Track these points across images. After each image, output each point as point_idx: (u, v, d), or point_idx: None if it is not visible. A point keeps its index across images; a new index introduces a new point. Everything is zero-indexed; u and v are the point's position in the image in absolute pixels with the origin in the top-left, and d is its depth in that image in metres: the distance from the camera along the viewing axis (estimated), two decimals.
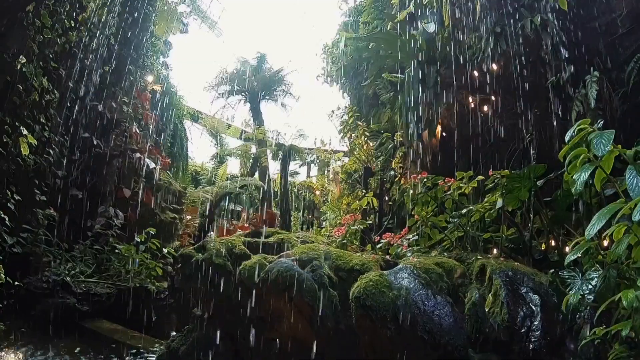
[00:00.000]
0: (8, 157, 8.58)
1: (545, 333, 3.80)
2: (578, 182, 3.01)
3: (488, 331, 3.90)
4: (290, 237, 6.00)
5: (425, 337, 3.62)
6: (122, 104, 13.00)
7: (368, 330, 3.91)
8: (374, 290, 3.82)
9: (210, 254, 5.28)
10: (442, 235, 6.52)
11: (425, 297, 3.84)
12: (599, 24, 7.31)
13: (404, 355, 3.77)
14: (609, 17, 7.28)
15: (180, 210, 14.82)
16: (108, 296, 8.98)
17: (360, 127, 13.22)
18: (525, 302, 4.10)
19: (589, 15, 7.38)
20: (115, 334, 7.74)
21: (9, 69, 8.34)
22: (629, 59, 6.61)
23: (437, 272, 4.35)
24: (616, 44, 7.12)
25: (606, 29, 7.28)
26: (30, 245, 9.17)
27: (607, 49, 7.05)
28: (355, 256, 4.93)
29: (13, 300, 8.03)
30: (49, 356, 6.63)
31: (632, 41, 6.93)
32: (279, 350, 4.72)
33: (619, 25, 7.18)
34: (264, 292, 4.49)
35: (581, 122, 3.18)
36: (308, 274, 4.40)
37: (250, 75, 31.75)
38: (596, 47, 7.09)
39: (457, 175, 6.62)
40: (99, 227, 11.17)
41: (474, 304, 4.04)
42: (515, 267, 4.55)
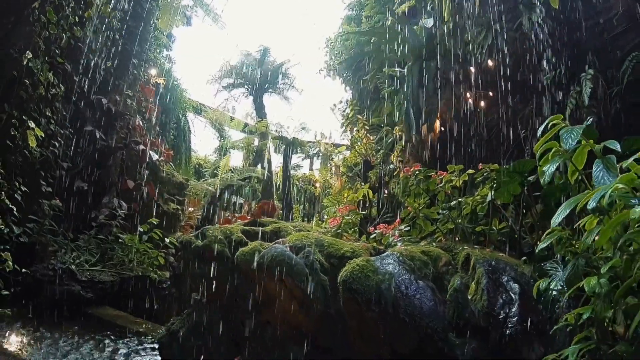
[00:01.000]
0: (15, 150, 8.82)
1: (522, 319, 3.94)
2: (547, 173, 3.19)
3: (468, 316, 4.07)
4: (286, 226, 6.24)
5: (407, 320, 3.84)
6: (126, 98, 13.23)
7: (355, 313, 4.13)
8: (360, 274, 4.06)
9: (209, 241, 5.52)
10: (434, 227, 6.65)
11: (408, 281, 4.06)
12: (596, 23, 7.34)
13: (388, 338, 4.00)
14: (606, 15, 7.27)
15: (183, 201, 15.05)
16: (112, 284, 9.25)
17: (360, 121, 13.37)
18: (506, 290, 4.25)
19: (586, 13, 7.42)
20: (118, 320, 8.02)
21: (15, 64, 8.55)
22: (624, 58, 6.66)
23: (422, 260, 4.56)
24: (612, 42, 7.14)
25: (603, 28, 7.30)
26: (36, 235, 9.43)
27: (603, 47, 7.10)
28: (347, 244, 5.15)
29: (20, 287, 8.31)
30: (55, 338, 6.88)
31: (628, 40, 6.96)
32: (273, 334, 4.96)
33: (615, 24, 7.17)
34: (259, 276, 4.73)
35: (553, 117, 3.28)
36: (300, 260, 4.64)
37: (254, 68, 31.88)
38: (593, 46, 7.15)
39: (449, 168, 6.80)
40: (103, 217, 11.41)
41: (455, 290, 4.22)
42: (499, 257, 4.72)
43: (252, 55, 32.30)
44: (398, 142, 11.66)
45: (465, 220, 6.26)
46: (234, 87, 32.07)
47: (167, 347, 5.79)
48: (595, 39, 7.27)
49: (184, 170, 19.88)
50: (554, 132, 3.26)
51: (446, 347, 3.88)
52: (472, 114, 8.90)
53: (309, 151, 28.28)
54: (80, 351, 6.48)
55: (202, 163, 28.74)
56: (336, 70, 17.04)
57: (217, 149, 30.12)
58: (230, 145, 29.05)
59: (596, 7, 7.31)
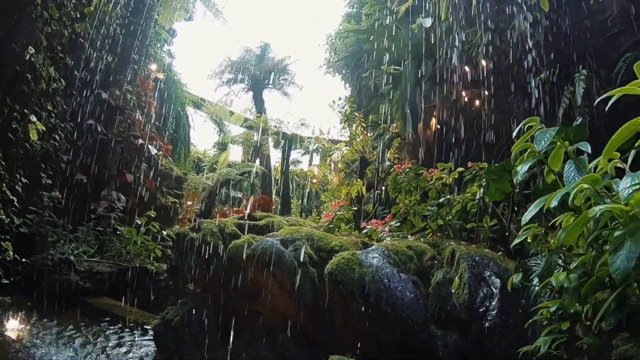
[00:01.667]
0: (17, 143, 8.98)
1: (501, 313, 4.05)
2: (519, 173, 3.32)
3: (450, 309, 4.22)
4: (279, 221, 6.41)
5: (389, 311, 4.01)
6: (126, 92, 13.37)
7: (340, 304, 4.30)
8: (345, 267, 4.23)
9: (203, 233, 5.71)
10: (425, 223, 6.73)
11: (390, 274, 4.22)
12: (591, 24, 7.42)
13: (372, 329, 4.15)
14: (601, 16, 7.36)
15: (181, 195, 15.22)
16: (109, 275, 9.44)
17: (357, 118, 13.48)
18: (487, 284, 4.37)
19: (581, 14, 7.50)
20: (115, 309, 8.19)
21: (18, 59, 8.71)
22: (619, 59, 6.70)
23: (407, 254, 4.72)
24: (607, 43, 7.23)
25: (598, 29, 7.37)
26: (36, 226, 9.60)
27: (597, 48, 7.17)
28: (336, 238, 5.32)
29: (20, 277, 8.48)
30: (54, 326, 7.06)
31: (623, 41, 7.04)
32: (264, 323, 5.14)
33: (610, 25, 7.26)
34: (250, 267, 4.91)
35: (529, 119, 3.36)
36: (290, 252, 4.82)
37: (254, 63, 31.97)
38: (588, 46, 7.22)
39: (439, 166, 6.93)
40: (102, 210, 11.59)
41: (437, 284, 4.38)
42: (484, 253, 4.83)
43: (253, 51, 32.38)
44: (394, 140, 11.77)
45: (456, 217, 6.37)
46: (235, 82, 32.15)
47: (161, 334, 5.99)
48: (590, 39, 7.34)
49: (183, 164, 19.95)
50: (531, 133, 3.39)
51: (427, 338, 4.03)
52: (468, 112, 9.02)
53: (309, 147, 28.38)
54: (77, 338, 6.65)
55: (201, 157, 28.78)
56: (336, 67, 17.11)
57: (217, 144, 30.21)
58: (230, 140, 29.12)
59: (591, 8, 7.38)
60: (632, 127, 2.06)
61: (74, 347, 6.36)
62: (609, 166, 2.67)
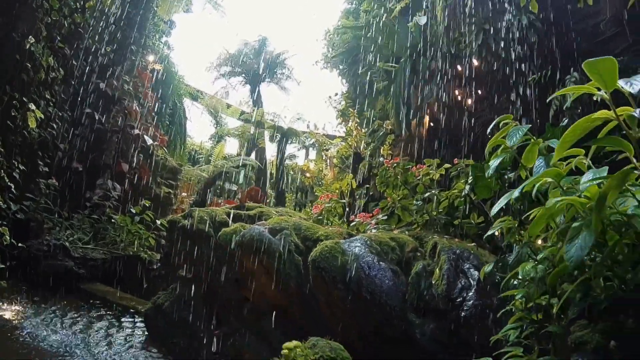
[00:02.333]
0: (15, 130, 9.14)
1: (477, 303, 4.19)
2: (491, 168, 3.47)
3: (428, 299, 4.37)
4: (269, 211, 6.57)
5: (368, 297, 4.18)
6: (123, 83, 13.50)
7: (322, 290, 4.47)
8: (328, 254, 4.41)
9: (195, 221, 5.87)
10: (412, 218, 6.85)
11: (371, 263, 4.40)
12: (584, 27, 7.52)
13: (353, 314, 4.32)
14: (594, 20, 7.47)
15: (176, 186, 15.35)
16: (103, 262, 9.57)
17: (352, 114, 13.61)
18: (466, 276, 4.52)
19: (574, 17, 7.58)
20: (109, 295, 8.34)
21: (18, 48, 8.86)
22: None
23: (389, 245, 4.90)
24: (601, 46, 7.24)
25: (591, 32, 7.49)
26: (32, 212, 9.76)
27: (590, 50, 7.13)
28: (322, 229, 5.50)
29: (16, 262, 8.62)
30: (49, 309, 7.22)
31: (617, 44, 7.13)
32: (251, 309, 5.31)
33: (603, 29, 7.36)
34: (238, 254, 5.08)
35: (503, 117, 3.40)
36: (277, 241, 4.99)
37: (252, 57, 31.99)
38: (580, 49, 7.29)
39: (426, 162, 7.09)
40: (97, 198, 11.75)
41: (416, 274, 4.54)
42: (465, 246, 5.00)
43: (251, 45, 32.37)
44: (388, 136, 11.91)
45: (443, 213, 6.47)
46: (232, 75, 32.14)
47: (152, 318, 6.17)
48: (582, 42, 7.45)
49: (179, 155, 19.99)
50: (506, 130, 3.53)
51: (405, 326, 4.18)
52: (461, 110, 9.15)
53: (305, 142, 28.47)
54: (71, 321, 6.81)
55: (197, 149, 28.84)
56: (333, 62, 17.18)
57: (213, 136, 30.26)
58: (226, 132, 29.18)
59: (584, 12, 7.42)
60: (585, 123, 2.19)
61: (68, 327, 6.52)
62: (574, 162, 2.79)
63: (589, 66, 2.01)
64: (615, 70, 2.02)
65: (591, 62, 1.98)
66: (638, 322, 2.34)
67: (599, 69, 2.01)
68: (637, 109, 2.03)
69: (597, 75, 2.04)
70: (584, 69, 2.01)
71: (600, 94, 2.17)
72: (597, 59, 1.96)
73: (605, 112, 2.14)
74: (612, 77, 2.04)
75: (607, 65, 1.99)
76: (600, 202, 2.17)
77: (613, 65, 2.00)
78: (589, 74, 2.05)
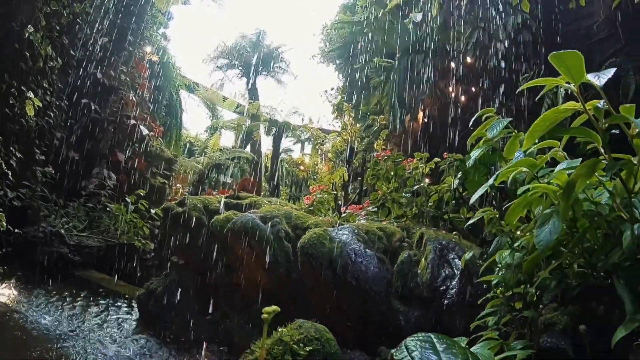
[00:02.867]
0: (13, 118, 9.23)
1: (460, 292, 4.34)
2: (471, 159, 3.59)
3: (413, 287, 4.51)
4: (262, 201, 6.71)
5: (354, 283, 4.32)
6: (120, 73, 13.59)
7: (310, 276, 4.61)
8: (316, 241, 4.55)
9: (188, 208, 6.01)
10: (402, 210, 6.97)
11: (357, 250, 4.54)
12: (579, 28, 7.67)
13: (339, 300, 4.46)
14: (588, 22, 7.66)
15: (170, 176, 15.43)
16: (98, 249, 9.68)
17: (346, 108, 13.73)
18: (450, 266, 4.67)
19: (569, 18, 7.78)
20: (103, 282, 8.44)
21: (17, 37, 8.96)
22: (603, 62, 6.96)
23: (377, 234, 5.04)
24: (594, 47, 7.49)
25: (585, 33, 7.66)
26: (28, 199, 9.87)
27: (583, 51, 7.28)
28: (312, 218, 5.64)
29: (11, 248, 8.77)
30: (44, 294, 7.32)
31: (610, 46, 7.34)
32: (241, 295, 5.46)
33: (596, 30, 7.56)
34: (230, 241, 5.22)
35: (486, 110, 3.48)
36: (268, 228, 5.14)
37: (249, 50, 32.04)
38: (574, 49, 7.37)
39: (416, 155, 7.21)
40: (92, 187, 11.84)
41: (402, 262, 4.69)
42: (450, 237, 5.13)
43: (249, 37, 32.43)
44: (383, 131, 12.03)
45: (433, 207, 6.58)
46: (229, 67, 32.21)
47: (144, 303, 6.30)
48: (576, 42, 7.58)
49: (174, 147, 20.05)
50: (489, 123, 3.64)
51: (390, 312, 4.32)
52: (455, 107, 9.28)
53: (300, 136, 28.54)
54: (65, 305, 6.93)
55: (193, 141, 28.88)
56: (329, 57, 17.25)
57: (209, 128, 30.31)
58: (222, 125, 29.22)
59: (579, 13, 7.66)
60: (554, 114, 2.28)
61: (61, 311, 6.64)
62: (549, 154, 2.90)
63: (555, 59, 2.07)
64: (581, 64, 2.09)
65: (557, 54, 2.04)
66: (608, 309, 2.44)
67: (566, 63, 2.09)
68: (602, 101, 2.12)
69: (564, 69, 2.12)
70: (551, 61, 2.09)
71: (570, 87, 2.25)
72: (562, 52, 2.03)
73: (573, 104, 2.23)
74: (579, 70, 2.11)
75: (573, 58, 2.07)
76: (569, 188, 2.25)
77: (579, 59, 2.07)
78: (557, 67, 2.12)
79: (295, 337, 3.36)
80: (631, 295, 2.04)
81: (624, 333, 1.92)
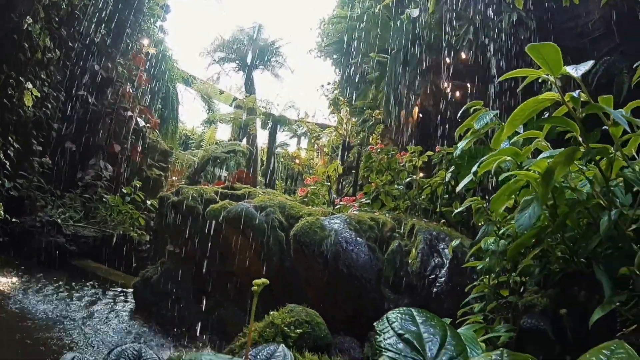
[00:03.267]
0: (12, 109, 9.29)
1: (448, 280, 4.43)
2: (458, 149, 3.68)
3: (402, 274, 4.61)
4: (256, 191, 6.80)
5: (345, 271, 4.42)
6: (117, 65, 13.65)
7: (303, 263, 4.71)
8: (309, 229, 4.65)
9: (184, 197, 6.11)
10: (395, 203, 7.06)
11: (349, 238, 4.64)
12: (574, 26, 7.69)
13: (330, 287, 4.56)
14: (584, 20, 7.65)
15: (166, 168, 15.51)
16: (94, 239, 9.78)
17: (342, 102, 13.79)
18: (440, 256, 4.75)
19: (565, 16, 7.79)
20: (99, 271, 8.57)
21: (16, 28, 9.01)
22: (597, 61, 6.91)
23: (368, 224, 5.12)
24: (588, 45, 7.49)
25: (580, 31, 7.67)
26: (25, 189, 9.94)
27: (578, 49, 7.36)
28: (306, 208, 5.74)
29: (8, 237, 8.86)
30: (41, 282, 7.43)
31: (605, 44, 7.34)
32: (235, 283, 5.55)
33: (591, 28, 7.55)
34: (225, 229, 5.32)
35: (473, 103, 3.55)
36: (262, 217, 5.23)
37: (246, 44, 31.98)
38: (569, 47, 7.18)
39: (409, 148, 7.29)
40: (89, 178, 11.92)
41: (393, 251, 4.78)
42: (441, 229, 5.22)
43: (246, 31, 32.36)
44: (378, 126, 12.10)
45: (426, 200, 6.66)
46: (226, 61, 32.14)
47: (140, 291, 6.41)
48: (571, 40, 7.62)
49: (170, 140, 19.98)
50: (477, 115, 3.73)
51: (380, 300, 4.41)
52: (450, 103, 9.34)
53: (297, 130, 28.55)
54: (62, 293, 7.02)
55: (189, 135, 28.86)
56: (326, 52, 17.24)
57: (205, 122, 30.28)
58: (218, 118, 29.20)
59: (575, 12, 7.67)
60: (533, 104, 2.36)
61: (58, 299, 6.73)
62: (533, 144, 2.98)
63: (533, 51, 2.12)
64: (558, 56, 2.15)
65: (534, 46, 2.08)
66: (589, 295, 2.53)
67: (543, 55, 2.15)
68: (577, 91, 2.21)
69: (542, 61, 2.17)
70: (528, 53, 2.16)
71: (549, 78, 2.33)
72: (539, 44, 2.08)
73: (551, 94, 2.30)
74: (557, 62, 2.16)
75: (550, 51, 2.12)
76: (548, 175, 2.32)
77: (556, 51, 2.13)
78: (535, 59, 2.17)
79: (286, 320, 3.46)
80: (610, 281, 2.11)
81: (601, 314, 1.98)
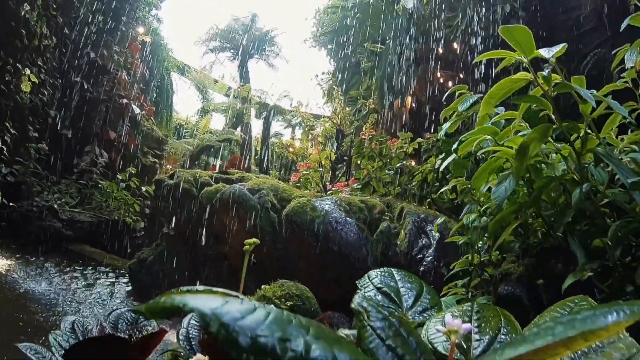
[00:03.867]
0: (8, 95, 9.38)
1: (435, 260, 4.58)
2: (442, 131, 3.83)
3: (391, 254, 4.78)
4: (249, 176, 6.92)
5: (335, 249, 4.58)
6: (113, 53, 13.74)
7: (294, 242, 4.88)
8: (300, 210, 4.81)
9: (179, 180, 6.24)
10: (386, 189, 7.19)
11: (339, 218, 4.80)
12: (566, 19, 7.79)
13: (322, 266, 4.72)
14: (576, 13, 7.75)
15: (161, 156, 15.62)
16: (90, 225, 9.90)
17: (336, 92, 13.90)
18: (428, 237, 4.91)
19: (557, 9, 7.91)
20: (95, 255, 8.71)
21: (13, 15, 9.09)
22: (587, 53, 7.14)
23: (359, 206, 5.29)
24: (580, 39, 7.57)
25: (572, 24, 7.76)
26: (22, 175, 10.05)
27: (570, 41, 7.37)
28: (298, 191, 5.88)
29: (5, 222, 8.98)
30: (38, 265, 7.57)
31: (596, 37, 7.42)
32: (229, 264, 5.70)
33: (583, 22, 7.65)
34: (219, 210, 5.46)
35: (458, 86, 3.63)
36: (255, 198, 5.38)
37: (241, 33, 31.99)
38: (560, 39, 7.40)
39: (400, 135, 7.43)
40: (84, 164, 12.05)
41: (381, 231, 4.94)
42: (429, 212, 5.38)
43: (241, 21, 32.36)
44: (371, 115, 12.22)
45: (417, 186, 6.71)
46: (221, 50, 32.18)
47: (135, 272, 6.55)
48: (564, 33, 7.74)
49: (165, 128, 20.12)
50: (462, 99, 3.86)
51: None
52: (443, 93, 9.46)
53: (291, 120, 28.64)
54: (58, 276, 7.16)
55: (183, 124, 28.89)
56: (321, 41, 17.32)
57: (199, 111, 30.33)
58: (213, 107, 29.25)
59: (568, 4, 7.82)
60: (508, 83, 2.49)
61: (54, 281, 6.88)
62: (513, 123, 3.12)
63: (505, 33, 2.21)
64: (530, 39, 2.26)
65: (507, 28, 2.17)
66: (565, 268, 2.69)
67: (516, 37, 2.28)
68: (546, 70, 2.36)
69: (514, 43, 2.30)
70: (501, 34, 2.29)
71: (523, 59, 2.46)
72: (511, 26, 2.19)
73: (525, 74, 2.44)
74: (529, 45, 2.29)
75: (522, 33, 2.24)
76: (522, 150, 2.45)
77: (528, 34, 2.25)
78: (508, 41, 2.28)
79: (277, 294, 3.61)
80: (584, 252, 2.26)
81: (573, 280, 2.13)
